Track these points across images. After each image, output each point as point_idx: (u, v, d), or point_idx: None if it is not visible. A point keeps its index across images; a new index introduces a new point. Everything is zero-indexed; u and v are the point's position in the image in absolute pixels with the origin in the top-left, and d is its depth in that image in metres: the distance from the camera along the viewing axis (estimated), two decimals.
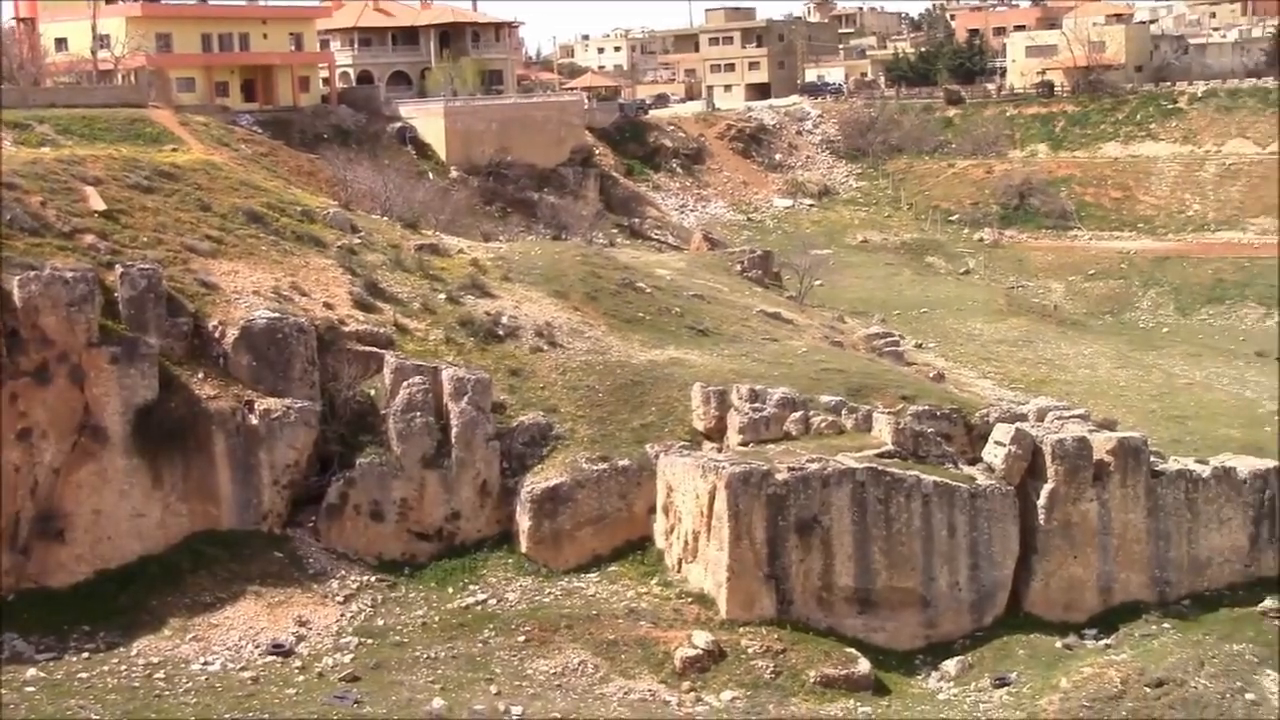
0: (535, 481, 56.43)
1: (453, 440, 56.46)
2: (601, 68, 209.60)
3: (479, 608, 52.72)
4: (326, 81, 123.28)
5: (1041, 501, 53.19)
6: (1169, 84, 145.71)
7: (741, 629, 50.30)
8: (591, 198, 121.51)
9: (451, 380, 57.02)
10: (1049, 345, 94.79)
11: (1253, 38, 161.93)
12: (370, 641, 49.93)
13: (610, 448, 57.65)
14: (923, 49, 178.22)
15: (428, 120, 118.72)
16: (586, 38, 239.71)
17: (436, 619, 51.87)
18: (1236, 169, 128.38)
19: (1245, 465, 56.71)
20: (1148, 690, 46.29)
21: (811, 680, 48.21)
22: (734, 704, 46.90)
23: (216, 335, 56.00)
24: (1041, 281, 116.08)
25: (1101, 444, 54.28)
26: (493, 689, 46.87)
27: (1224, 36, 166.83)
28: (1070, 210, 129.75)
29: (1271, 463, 57.29)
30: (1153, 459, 55.36)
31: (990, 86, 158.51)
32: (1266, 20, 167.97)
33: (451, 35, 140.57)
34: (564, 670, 48.63)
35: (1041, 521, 53.21)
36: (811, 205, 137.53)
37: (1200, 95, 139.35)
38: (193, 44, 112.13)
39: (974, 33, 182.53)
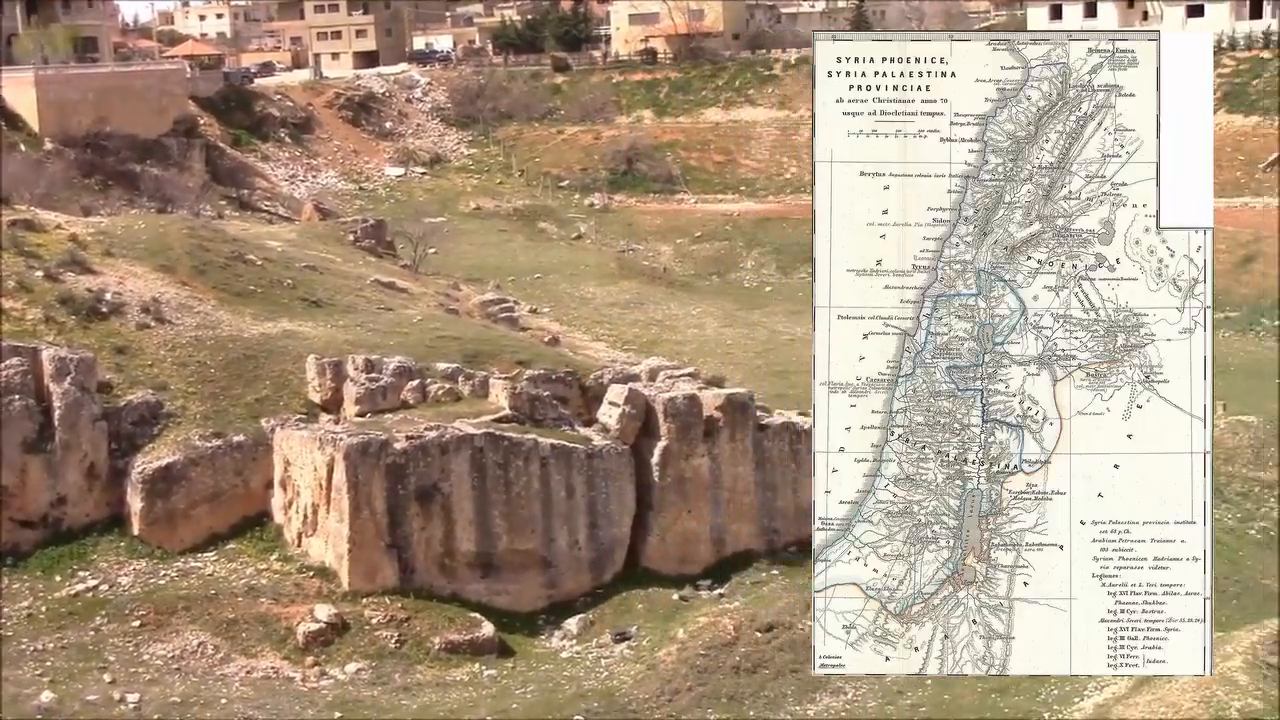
0: (146, 461, 54.80)
1: (56, 423, 54.24)
2: (204, 35, 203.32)
3: (90, 594, 50.97)
4: None
5: (655, 459, 54.79)
6: (765, 51, 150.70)
7: (364, 600, 50.26)
8: (197, 169, 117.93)
9: (52, 361, 54.76)
10: (659, 306, 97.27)
11: (839, 7, 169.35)
12: None
13: (224, 424, 56.48)
14: (529, 16, 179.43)
15: (17, 90, 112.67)
16: (187, 4, 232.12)
17: (44, 609, 49.92)
18: None
19: None
20: (759, 635, 48.50)
21: (436, 647, 48.62)
22: (359, 675, 46.90)
23: None
24: (651, 245, 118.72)
25: (711, 401, 56.25)
26: (107, 678, 45.55)
27: (813, 6, 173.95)
28: (676, 174, 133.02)
29: None
30: (759, 413, 57.67)
31: (596, 54, 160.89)
32: None
33: (39, 0, 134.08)
34: (182, 653, 47.65)
35: (656, 478, 54.82)
36: (423, 173, 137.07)
37: (794, 62, 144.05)
38: None
39: (579, 0, 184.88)
